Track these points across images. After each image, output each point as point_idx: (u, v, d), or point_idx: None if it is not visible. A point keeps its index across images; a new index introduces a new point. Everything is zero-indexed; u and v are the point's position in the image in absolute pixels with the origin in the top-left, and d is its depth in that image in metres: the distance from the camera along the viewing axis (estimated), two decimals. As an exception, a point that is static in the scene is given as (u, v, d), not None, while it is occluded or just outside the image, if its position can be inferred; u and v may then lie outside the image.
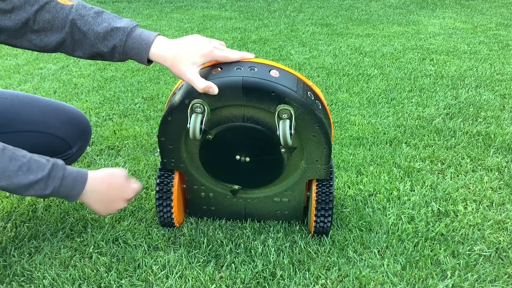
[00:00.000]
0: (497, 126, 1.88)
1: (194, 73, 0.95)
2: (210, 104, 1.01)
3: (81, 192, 0.99)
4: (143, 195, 1.38)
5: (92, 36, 0.95)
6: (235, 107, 1.03)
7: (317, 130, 1.04)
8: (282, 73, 1.03)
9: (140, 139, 1.77)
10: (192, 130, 1.00)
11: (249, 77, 0.98)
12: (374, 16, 4.53)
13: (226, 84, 0.98)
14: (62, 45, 0.97)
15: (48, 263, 1.10)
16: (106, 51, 0.96)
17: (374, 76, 2.57)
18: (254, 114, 1.04)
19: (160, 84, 2.45)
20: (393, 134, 1.80)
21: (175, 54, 0.95)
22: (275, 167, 1.12)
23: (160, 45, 0.96)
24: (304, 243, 1.16)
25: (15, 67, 2.77)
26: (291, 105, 0.99)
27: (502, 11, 4.80)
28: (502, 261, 1.12)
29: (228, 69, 1.01)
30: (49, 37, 0.95)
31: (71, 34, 0.95)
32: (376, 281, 1.04)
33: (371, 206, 1.32)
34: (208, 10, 4.97)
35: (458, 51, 3.13)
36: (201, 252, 1.13)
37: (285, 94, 0.99)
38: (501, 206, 1.34)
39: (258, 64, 1.03)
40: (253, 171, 1.12)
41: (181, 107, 1.02)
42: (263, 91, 0.99)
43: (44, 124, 1.14)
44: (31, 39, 0.95)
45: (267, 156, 1.09)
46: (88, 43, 0.96)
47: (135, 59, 0.97)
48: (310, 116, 1.01)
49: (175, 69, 0.96)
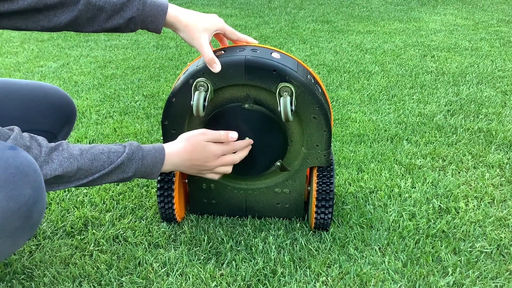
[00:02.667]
0: (499, 123, 1.87)
1: (204, 39, 0.98)
2: (213, 83, 1.04)
3: (160, 169, 0.97)
4: (144, 192, 1.37)
5: (109, 8, 0.92)
6: (237, 87, 1.06)
7: (317, 111, 1.06)
8: (283, 56, 1.07)
9: (141, 136, 1.77)
10: (195, 106, 1.01)
11: (251, 56, 1.02)
12: (375, 13, 4.52)
13: (229, 62, 1.02)
14: (73, 23, 0.91)
15: (48, 261, 1.10)
16: (122, 22, 0.93)
17: (375, 73, 2.57)
18: (256, 95, 1.07)
19: (161, 82, 2.44)
20: (394, 131, 1.80)
21: (189, 18, 0.97)
22: (277, 151, 1.13)
23: (174, 9, 0.97)
24: (305, 240, 1.15)
25: (15, 65, 2.77)
26: (291, 83, 1.02)
27: (503, 7, 4.79)
28: (504, 258, 1.11)
29: (230, 51, 1.05)
30: (58, 16, 0.90)
31: (85, 9, 0.90)
32: (377, 278, 1.04)
33: (372, 203, 1.32)
34: (209, 8, 4.97)
35: (460, 48, 3.12)
36: (202, 249, 1.13)
37: (285, 73, 1.02)
38: (503, 202, 1.34)
39: (260, 47, 1.07)
40: (255, 155, 1.13)
41: (186, 88, 1.05)
42: (264, 69, 1.02)
43: (27, 120, 1.08)
44: (39, 20, 0.89)
45: (269, 138, 1.11)
46: (104, 17, 0.92)
47: (148, 28, 0.96)
48: (310, 96, 1.04)
49: (187, 33, 0.97)
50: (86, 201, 1.33)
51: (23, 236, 0.76)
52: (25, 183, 0.72)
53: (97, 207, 1.30)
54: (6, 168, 0.70)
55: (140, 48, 3.17)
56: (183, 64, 2.79)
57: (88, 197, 1.35)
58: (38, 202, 0.75)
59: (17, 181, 0.71)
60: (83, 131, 1.81)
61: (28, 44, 3.31)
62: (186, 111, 1.09)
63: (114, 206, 1.31)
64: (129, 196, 1.35)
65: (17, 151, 0.74)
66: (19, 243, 0.78)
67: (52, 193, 1.37)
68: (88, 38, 3.47)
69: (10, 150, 0.73)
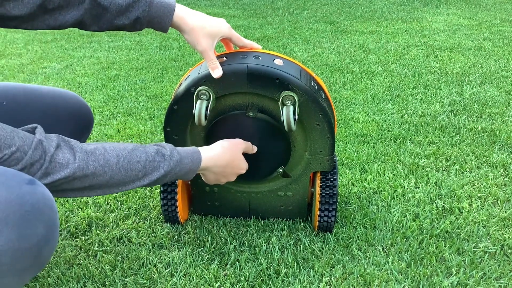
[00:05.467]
0: (502, 123, 1.87)
1: (209, 44, 0.97)
2: (215, 91, 1.03)
3: (195, 172, 0.97)
4: (147, 193, 1.38)
5: (114, 9, 0.91)
6: (240, 95, 1.05)
7: (321, 119, 1.05)
8: (286, 62, 1.06)
9: (144, 137, 1.77)
10: (197, 115, 1.01)
11: (254, 64, 1.01)
12: (378, 13, 4.51)
13: (231, 70, 1.01)
14: (80, 22, 0.91)
15: (52, 261, 1.10)
16: (127, 23, 0.93)
17: (378, 73, 2.56)
18: (258, 102, 1.06)
19: (164, 83, 2.45)
20: (398, 131, 1.80)
21: (196, 21, 0.96)
22: (280, 158, 1.13)
23: (181, 9, 0.96)
24: (309, 241, 1.15)
25: (19, 66, 2.78)
26: (294, 92, 1.01)
27: (506, 7, 4.77)
28: (508, 258, 1.11)
29: (233, 58, 1.04)
30: (64, 15, 0.89)
31: (90, 9, 0.90)
32: (381, 279, 1.04)
33: (376, 204, 1.32)
34: (212, 8, 4.97)
35: (463, 48, 3.11)
36: (205, 250, 1.13)
37: (289, 81, 1.01)
38: (506, 202, 1.34)
39: (262, 53, 1.06)
40: (257, 162, 1.13)
41: (187, 95, 1.04)
42: (267, 77, 1.01)
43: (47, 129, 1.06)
44: (44, 19, 0.89)
45: (271, 146, 1.11)
46: (109, 17, 0.92)
47: (154, 27, 0.96)
48: (314, 104, 1.03)
49: (192, 36, 0.97)
50: (90, 202, 1.34)
51: (30, 274, 0.73)
52: (39, 221, 0.69)
53: (101, 208, 1.31)
54: (21, 205, 0.66)
55: (143, 49, 3.18)
56: (186, 65, 2.79)
57: (92, 198, 1.35)
58: (50, 242, 0.71)
59: (32, 219, 0.67)
60: (86, 132, 1.82)
61: (31, 45, 3.32)
62: (188, 118, 1.09)
63: (118, 206, 1.31)
64: (133, 197, 1.36)
65: (35, 186, 0.69)
66: (25, 280, 0.75)
67: (56, 194, 1.37)
68: (91, 40, 3.48)
69: (28, 185, 0.69)
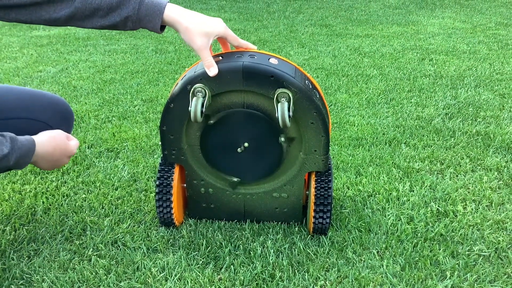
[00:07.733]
0: (497, 126, 1.88)
1: (205, 44, 0.99)
2: (211, 89, 1.05)
3: (31, 158, 0.99)
4: (142, 197, 1.38)
5: (105, 6, 0.96)
6: (235, 93, 1.07)
7: (315, 117, 1.06)
8: (281, 62, 1.08)
9: (139, 141, 1.77)
10: (193, 112, 1.03)
11: (249, 62, 1.03)
12: (373, 17, 4.53)
13: (227, 68, 1.03)
14: (72, 18, 0.97)
15: (47, 266, 1.10)
16: (118, 20, 0.97)
17: (374, 77, 2.57)
18: (254, 100, 1.08)
19: (159, 86, 2.45)
20: (392, 135, 1.80)
21: (191, 21, 0.98)
22: (275, 156, 1.13)
23: (173, 9, 0.98)
24: (303, 244, 1.16)
25: (14, 70, 2.77)
26: (289, 89, 1.03)
27: (501, 10, 4.80)
28: (502, 261, 1.11)
29: (228, 57, 1.06)
30: (58, 12, 0.95)
31: (82, 7, 0.95)
32: (376, 282, 1.04)
33: (370, 207, 1.32)
34: (207, 12, 4.98)
35: (458, 51, 3.13)
36: (200, 254, 1.13)
37: (283, 79, 1.03)
38: (501, 206, 1.34)
39: (258, 53, 1.08)
40: (253, 160, 1.14)
41: (183, 94, 1.06)
42: (262, 75, 1.03)
43: (25, 110, 1.14)
44: (41, 15, 0.96)
45: (266, 144, 1.12)
46: (101, 14, 0.96)
47: (147, 27, 0.98)
48: (308, 102, 1.05)
49: (187, 35, 0.98)
50: (85, 206, 1.33)
51: None
52: None
53: (95, 212, 1.30)
54: None
55: (139, 53, 3.18)
56: (182, 68, 2.79)
57: (87, 202, 1.35)
58: None
59: None
60: (81, 135, 1.81)
61: (27, 49, 3.31)
62: (184, 117, 1.10)
63: (112, 211, 1.31)
64: (128, 201, 1.35)
65: None
66: None
67: (50, 197, 1.37)
68: (87, 43, 3.48)
69: None
